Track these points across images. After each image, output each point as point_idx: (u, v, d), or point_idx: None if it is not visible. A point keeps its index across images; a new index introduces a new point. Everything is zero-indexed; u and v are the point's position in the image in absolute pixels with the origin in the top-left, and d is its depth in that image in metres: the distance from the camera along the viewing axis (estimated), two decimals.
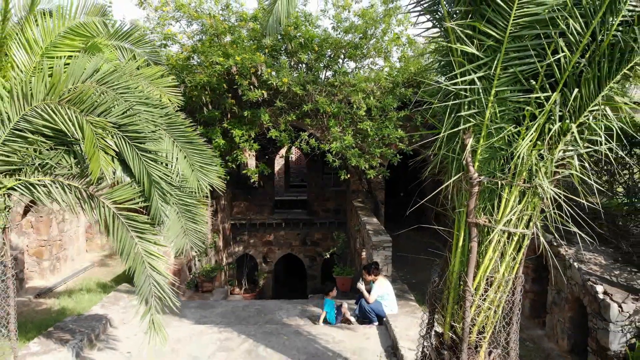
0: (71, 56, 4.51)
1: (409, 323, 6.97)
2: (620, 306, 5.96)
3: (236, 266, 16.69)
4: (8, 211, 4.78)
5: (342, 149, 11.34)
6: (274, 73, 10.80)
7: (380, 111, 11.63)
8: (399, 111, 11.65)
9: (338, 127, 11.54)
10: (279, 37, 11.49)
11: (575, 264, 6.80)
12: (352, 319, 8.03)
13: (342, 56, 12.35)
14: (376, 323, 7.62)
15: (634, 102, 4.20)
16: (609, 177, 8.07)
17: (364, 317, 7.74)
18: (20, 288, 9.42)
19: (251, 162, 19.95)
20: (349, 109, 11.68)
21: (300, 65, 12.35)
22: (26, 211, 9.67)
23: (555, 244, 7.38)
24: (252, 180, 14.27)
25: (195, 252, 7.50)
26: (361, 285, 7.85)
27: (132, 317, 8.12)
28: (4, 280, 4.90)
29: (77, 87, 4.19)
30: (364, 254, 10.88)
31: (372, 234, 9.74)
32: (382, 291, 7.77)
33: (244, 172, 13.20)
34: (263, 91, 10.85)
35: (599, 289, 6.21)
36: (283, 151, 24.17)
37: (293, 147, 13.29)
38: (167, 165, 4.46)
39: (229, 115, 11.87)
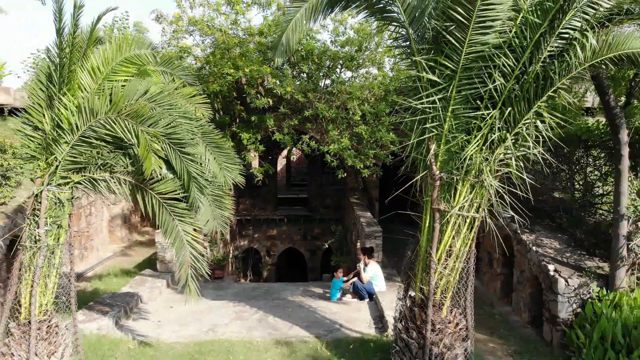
0: (127, 79, 5.79)
1: (394, 298, 8.22)
2: (567, 281, 7.25)
3: (242, 258, 17.95)
4: (74, 200, 6.08)
5: (339, 150, 12.60)
6: (278, 82, 12.06)
7: (373, 116, 12.89)
8: (391, 116, 12.91)
9: (336, 131, 12.79)
10: None
11: (533, 248, 8.09)
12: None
13: (340, 66, 13.63)
14: (367, 299, 8.91)
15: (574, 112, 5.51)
16: (570, 175, 9.36)
17: (356, 294, 9.03)
18: None
19: (254, 163, 21.21)
20: (345, 114, 12.93)
21: (301, 74, 13.63)
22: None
23: (521, 234, 8.68)
24: (257, 180, 15.53)
25: (221, 232, 8.43)
26: (361, 267, 9.11)
27: (157, 295, 9.46)
28: (71, 261, 6.19)
29: (133, 104, 5.46)
30: (358, 244, 12.14)
31: (365, 226, 11.04)
32: (372, 273, 9.06)
33: (251, 171, 14.47)
34: (269, 99, 12.12)
35: (551, 267, 7.50)
36: (285, 152, 25.49)
37: (294, 148, 14.57)
38: (201, 164, 5.73)
39: (237, 120, 13.13)
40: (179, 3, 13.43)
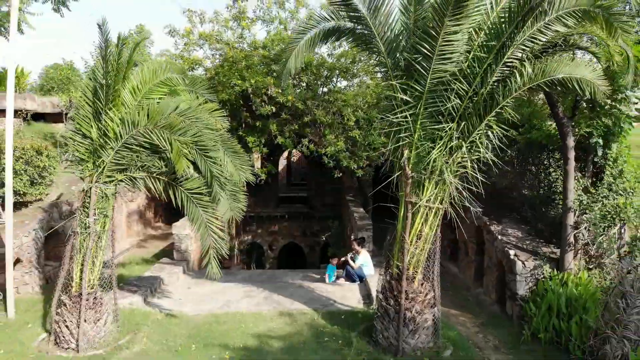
0: (161, 97, 7.15)
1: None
2: (524, 264, 8.64)
3: (246, 252, 19.33)
4: (116, 194, 7.46)
5: (335, 153, 14.00)
6: (280, 91, 13.44)
7: (366, 122, 14.28)
8: (382, 121, 14.29)
9: (332, 135, 14.19)
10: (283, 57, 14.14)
11: (499, 236, 9.48)
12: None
13: (336, 76, 15.02)
14: (358, 282, 10.29)
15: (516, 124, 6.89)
16: (534, 175, 10.72)
17: (349, 278, 10.41)
18: None
19: (257, 164, 22.60)
20: (341, 120, 14.33)
21: (301, 83, 15.02)
22: None
23: (489, 224, 10.07)
24: (260, 179, 16.91)
25: (228, 225, 9.51)
26: (349, 257, 10.52)
27: (175, 280, 10.85)
28: (113, 245, 7.57)
29: (167, 118, 6.83)
30: (352, 236, 13.53)
31: (358, 220, 12.43)
32: (363, 260, 10.46)
33: (255, 172, 15.85)
34: (272, 107, 13.50)
35: (512, 252, 8.89)
36: (286, 153, 26.84)
37: (295, 150, 15.94)
38: (221, 165, 7.08)
39: (243, 125, 14.51)
40: (190, 18, 14.83)
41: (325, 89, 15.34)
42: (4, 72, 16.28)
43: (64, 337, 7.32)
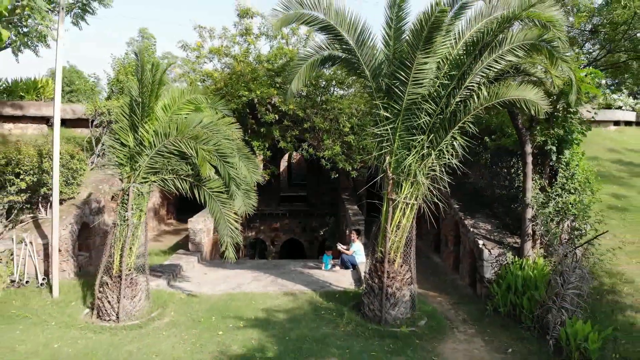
0: (188, 113, 8.69)
1: None
2: (490, 251, 10.21)
3: (251, 247, 20.90)
4: (150, 193, 9.01)
5: (332, 156, 15.56)
6: (283, 100, 14.98)
7: (360, 128, 15.84)
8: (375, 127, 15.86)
9: (329, 140, 15.76)
10: (286, 70, 15.67)
11: (471, 229, 11.05)
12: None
13: (333, 87, 16.59)
14: (351, 269, 11.86)
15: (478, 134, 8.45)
16: (505, 176, 12.27)
17: (343, 265, 11.98)
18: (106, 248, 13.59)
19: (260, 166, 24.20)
20: (337, 126, 15.88)
21: (301, 93, 16.56)
22: (113, 197, 13.87)
23: (464, 219, 11.64)
24: (264, 180, 18.47)
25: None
26: (341, 247, 12.09)
27: (191, 267, 12.41)
28: (146, 234, 9.12)
29: (193, 130, 8.37)
30: (348, 231, 15.11)
31: (351, 215, 14.00)
32: (356, 248, 12.03)
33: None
34: (275, 115, 15.05)
35: (480, 242, 10.47)
36: (286, 156, 28.41)
37: (295, 152, 17.49)
38: (236, 169, 8.62)
39: (249, 131, 16.06)
40: (201, 34, 16.40)
41: (323, 98, 16.88)
42: (30, 82, 17.87)
43: (105, 310, 8.88)
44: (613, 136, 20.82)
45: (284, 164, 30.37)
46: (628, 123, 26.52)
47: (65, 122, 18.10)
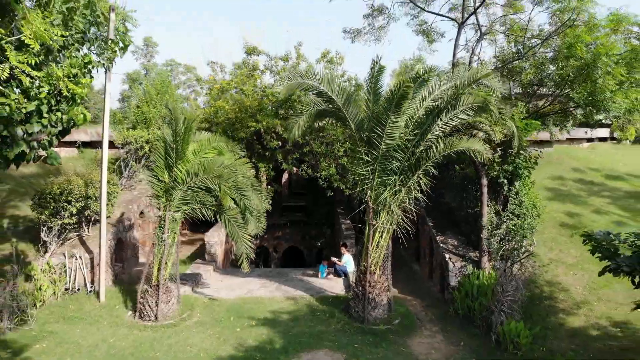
0: (212, 156, 11.01)
1: None
2: (454, 264, 12.54)
3: (255, 253, 23.20)
4: (181, 218, 11.35)
5: (328, 175, 17.88)
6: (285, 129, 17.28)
7: (352, 152, 18.14)
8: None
9: (325, 162, 18.07)
10: (288, 102, 18.01)
11: (441, 244, 13.38)
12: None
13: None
14: (343, 277, 14.19)
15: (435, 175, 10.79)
16: (472, 200, 14.57)
17: (336, 273, 14.30)
18: (136, 261, 15.92)
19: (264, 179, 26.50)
20: (332, 150, 18.19)
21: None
22: (141, 213, 16.21)
23: (436, 236, 13.97)
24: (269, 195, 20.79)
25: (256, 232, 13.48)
26: (334, 258, 14.42)
27: (209, 275, 14.72)
28: (178, 251, 11.45)
29: (217, 170, 10.68)
30: (341, 241, 17.43)
31: (344, 230, 16.33)
32: (346, 259, 14.36)
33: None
34: (278, 141, 17.38)
35: (447, 255, 12.79)
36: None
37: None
38: (250, 200, 10.92)
39: (256, 154, 18.38)
40: (213, 68, 18.74)
41: (321, 124, 19.19)
42: None
43: (146, 312, 11.20)
44: (582, 154, 23.14)
45: (285, 175, 32.60)
46: (602, 139, 28.91)
47: (91, 144, 20.52)
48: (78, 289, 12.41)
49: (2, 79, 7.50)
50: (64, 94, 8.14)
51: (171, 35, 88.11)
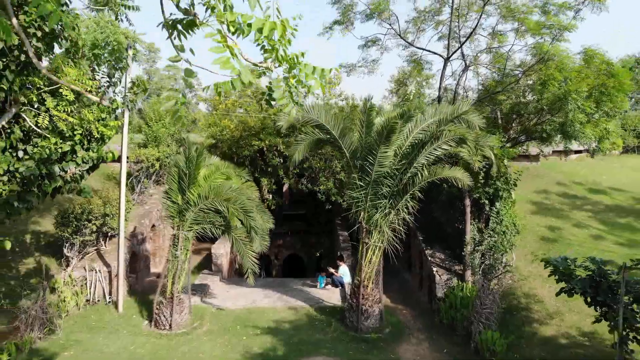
0: (221, 181, 12.20)
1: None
2: (440, 277, 13.73)
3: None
4: (193, 237, 12.55)
5: (326, 190, 19.07)
6: (286, 146, 18.48)
7: (348, 176, 19.33)
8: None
9: (324, 177, 19.26)
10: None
11: (430, 258, 14.57)
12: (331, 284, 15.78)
13: None
14: (340, 287, 15.38)
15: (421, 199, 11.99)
16: (458, 217, 15.74)
17: (334, 284, 15.49)
18: (148, 272, 17.11)
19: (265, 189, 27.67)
20: (330, 165, 19.39)
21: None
22: (152, 227, 17.40)
23: (425, 250, 15.16)
24: (271, 207, 21.98)
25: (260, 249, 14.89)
26: (332, 269, 15.62)
27: (216, 285, 15.91)
28: (188, 267, 12.65)
29: (225, 193, 11.87)
30: (338, 252, 18.62)
31: (341, 242, 17.52)
32: (343, 271, 15.55)
33: (266, 203, 20.97)
34: (280, 159, 18.58)
35: (434, 269, 13.98)
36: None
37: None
38: (255, 220, 12.10)
39: (259, 170, 19.59)
40: (218, 91, 19.89)
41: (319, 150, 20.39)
42: None
43: (161, 322, 12.38)
44: (567, 168, 24.34)
45: (286, 184, 33.72)
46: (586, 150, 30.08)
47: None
48: (98, 300, 13.60)
49: (43, 126, 8.72)
50: (95, 135, 9.36)
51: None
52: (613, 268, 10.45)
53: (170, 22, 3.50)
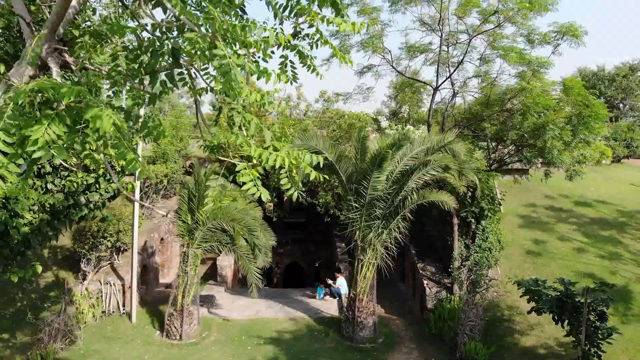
0: (228, 202, 13.29)
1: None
2: (430, 289, 14.78)
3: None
4: (201, 254, 13.61)
5: (325, 202, 20.12)
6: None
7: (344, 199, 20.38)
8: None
9: (323, 191, 20.31)
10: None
11: (421, 270, 15.63)
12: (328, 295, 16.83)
13: None
14: (337, 298, 16.42)
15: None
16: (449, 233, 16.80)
17: (332, 294, 16.54)
18: (157, 283, 18.15)
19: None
20: (329, 180, 20.41)
21: None
22: (162, 240, 18.45)
23: (417, 263, 16.21)
24: (274, 219, 23.07)
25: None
26: (329, 281, 16.67)
27: (221, 296, 16.96)
28: (197, 281, 13.72)
29: (232, 213, 12.92)
30: (337, 264, 19.67)
31: (339, 254, 18.58)
32: (340, 282, 16.60)
33: (267, 214, 22.03)
34: None
35: (425, 281, 15.03)
36: None
37: None
38: (259, 238, 13.14)
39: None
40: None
41: None
42: None
43: (172, 333, 13.43)
44: (555, 182, 25.31)
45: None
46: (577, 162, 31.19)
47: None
48: (113, 312, 14.64)
49: (70, 162, 9.78)
50: (116, 169, 10.44)
51: None
52: (589, 283, 11.52)
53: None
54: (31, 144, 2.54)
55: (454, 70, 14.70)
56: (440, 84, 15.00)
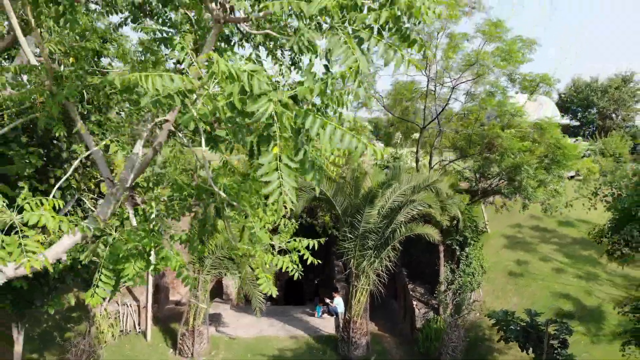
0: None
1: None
2: (419, 310, 16.17)
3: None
4: (211, 279, 15.03)
5: (324, 223, 21.52)
6: None
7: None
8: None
9: (322, 212, 21.70)
10: None
11: (411, 292, 17.02)
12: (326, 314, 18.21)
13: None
14: (335, 317, 17.81)
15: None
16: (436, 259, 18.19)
17: (329, 313, 17.93)
18: (167, 301, 19.55)
19: None
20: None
21: None
22: None
23: (408, 284, 17.61)
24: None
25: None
26: (328, 300, 18.07)
27: (227, 314, 18.37)
28: (206, 304, 15.13)
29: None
30: (334, 282, 21.06)
31: (337, 271, 19.99)
32: (337, 302, 17.99)
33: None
34: None
35: (414, 302, 16.43)
36: None
37: None
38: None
39: None
40: None
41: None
42: None
43: (184, 351, 14.83)
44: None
45: None
46: (570, 177, 32.54)
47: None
48: (129, 331, 16.05)
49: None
50: None
51: None
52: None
53: None
54: (124, 275, 3.96)
55: (440, 113, 16.13)
56: (427, 125, 16.43)
